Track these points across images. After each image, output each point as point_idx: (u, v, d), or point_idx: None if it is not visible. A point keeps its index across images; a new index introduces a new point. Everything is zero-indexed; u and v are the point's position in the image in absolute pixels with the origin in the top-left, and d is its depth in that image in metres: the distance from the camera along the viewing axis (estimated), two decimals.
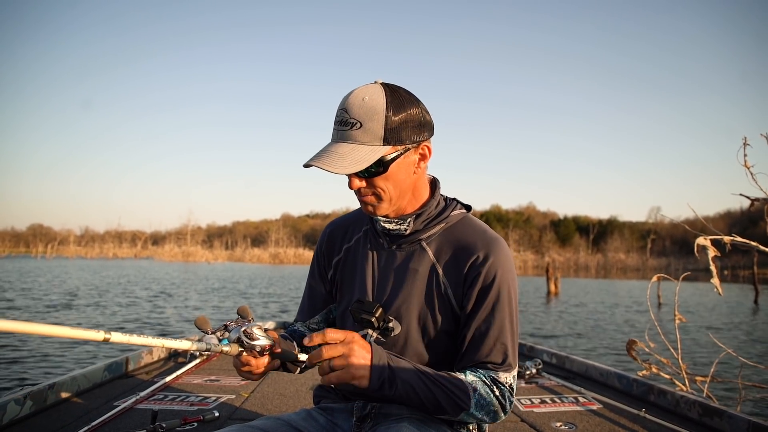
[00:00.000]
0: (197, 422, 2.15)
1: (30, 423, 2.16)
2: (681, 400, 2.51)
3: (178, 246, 74.95)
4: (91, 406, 2.39)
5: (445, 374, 1.16)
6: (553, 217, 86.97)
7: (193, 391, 2.71)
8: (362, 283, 1.32)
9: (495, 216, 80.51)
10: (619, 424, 2.32)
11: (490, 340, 1.21)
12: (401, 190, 1.22)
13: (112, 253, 75.80)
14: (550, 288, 21.44)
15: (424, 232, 1.28)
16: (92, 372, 2.74)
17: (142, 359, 3.24)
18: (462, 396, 1.14)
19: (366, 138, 1.14)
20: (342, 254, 1.40)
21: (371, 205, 1.23)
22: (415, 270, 1.27)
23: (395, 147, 1.16)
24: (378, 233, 1.34)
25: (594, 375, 3.21)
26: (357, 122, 1.14)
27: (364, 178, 1.18)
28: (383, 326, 1.25)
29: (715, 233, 3.42)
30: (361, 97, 1.15)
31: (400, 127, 1.16)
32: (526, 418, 2.38)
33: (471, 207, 1.36)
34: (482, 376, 1.20)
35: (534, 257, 66.56)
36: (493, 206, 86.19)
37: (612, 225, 78.80)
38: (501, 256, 1.24)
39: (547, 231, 79.24)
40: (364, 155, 1.14)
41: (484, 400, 1.16)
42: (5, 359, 6.11)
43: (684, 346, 8.34)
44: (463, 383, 1.15)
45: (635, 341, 3.39)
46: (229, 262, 66.68)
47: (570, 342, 9.22)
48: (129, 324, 9.64)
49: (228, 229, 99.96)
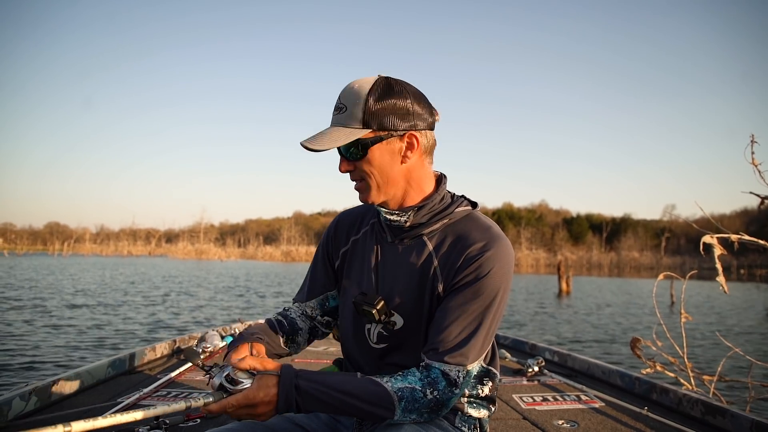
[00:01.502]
0: (200, 418, 2.15)
1: None
2: (684, 398, 2.50)
3: (191, 244, 75.50)
4: (95, 402, 2.41)
5: (368, 386, 1.12)
6: (566, 215, 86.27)
7: (197, 387, 2.71)
8: (365, 275, 1.33)
9: (507, 214, 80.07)
10: (621, 422, 2.31)
11: (454, 337, 1.17)
12: (388, 177, 1.24)
13: (127, 251, 76.47)
14: (561, 286, 21.31)
15: (427, 227, 1.27)
16: (96, 368, 2.77)
17: (145, 356, 3.27)
18: (384, 407, 1.12)
19: (347, 121, 1.20)
20: (349, 245, 1.41)
21: (361, 192, 1.27)
22: (414, 264, 1.27)
23: (376, 132, 1.20)
24: (382, 227, 1.35)
25: (596, 373, 3.21)
26: (344, 106, 1.20)
27: (350, 161, 1.23)
28: (385, 319, 1.26)
29: (723, 231, 3.40)
30: (354, 85, 1.21)
31: (381, 112, 1.19)
32: (528, 416, 2.39)
33: (477, 204, 1.35)
34: (419, 379, 1.16)
35: (546, 255, 66.09)
36: (505, 204, 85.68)
37: (626, 223, 78.08)
38: (499, 252, 1.20)
39: (560, 229, 78.61)
40: (342, 135, 1.19)
41: (414, 405, 1.13)
42: (10, 356, 6.19)
43: (696, 345, 8.31)
44: (387, 395, 1.11)
45: (639, 339, 3.38)
46: (242, 260, 67.02)
47: (577, 340, 9.17)
48: (140, 320, 9.74)
49: (240, 226, 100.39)
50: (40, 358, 6.09)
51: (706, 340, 9.27)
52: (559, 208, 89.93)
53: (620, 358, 7.36)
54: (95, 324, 8.96)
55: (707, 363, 6.96)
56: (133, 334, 8.11)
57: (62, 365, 5.81)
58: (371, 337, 1.31)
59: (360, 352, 1.35)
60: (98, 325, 8.80)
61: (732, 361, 3.89)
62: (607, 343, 8.96)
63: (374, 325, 1.30)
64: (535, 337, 8.88)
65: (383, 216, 1.30)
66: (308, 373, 1.12)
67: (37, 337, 7.51)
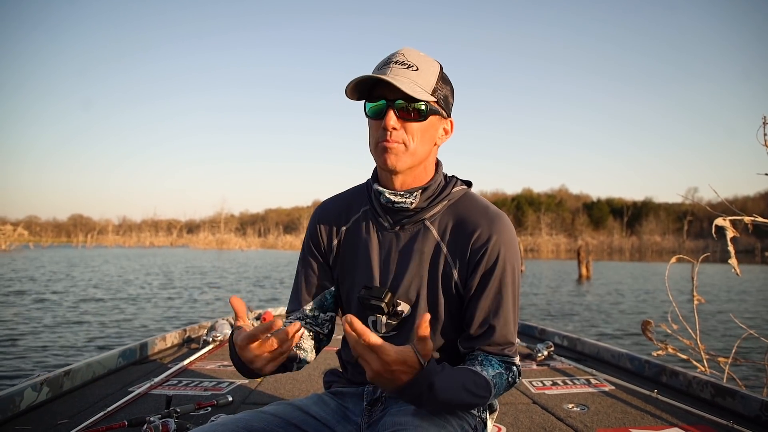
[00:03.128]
0: (211, 407, 2.16)
1: (46, 409, 2.18)
2: (693, 380, 2.50)
3: (212, 234, 76.21)
4: (107, 392, 2.43)
5: (476, 379, 1.12)
6: (586, 199, 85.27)
7: (207, 376, 2.74)
8: (367, 265, 1.30)
9: (527, 199, 79.48)
10: (631, 405, 2.32)
11: (500, 325, 1.21)
12: (423, 150, 1.22)
13: (149, 242, 77.62)
14: (581, 272, 21.17)
15: (428, 211, 1.26)
16: (107, 358, 2.78)
17: (156, 345, 3.28)
18: (484, 396, 1.14)
19: (420, 81, 1.17)
20: (341, 236, 1.36)
21: (393, 154, 1.19)
22: (420, 250, 1.26)
23: (437, 105, 1.22)
24: (379, 213, 1.31)
25: (606, 357, 3.21)
26: (414, 65, 1.18)
27: (401, 119, 1.19)
28: (392, 310, 1.25)
29: (738, 214, 3.36)
30: (418, 52, 1.22)
31: (444, 90, 1.23)
32: (538, 400, 2.39)
33: (471, 183, 1.36)
34: (499, 366, 1.20)
35: (567, 241, 65.55)
36: (525, 190, 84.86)
37: (647, 207, 76.93)
38: (504, 233, 1.23)
39: (580, 214, 77.83)
40: (419, 89, 1.17)
41: (499, 390, 1.19)
42: (22, 346, 6.28)
43: (716, 330, 8.23)
44: (487, 384, 1.14)
45: (650, 322, 3.38)
46: (262, 249, 67.57)
47: (593, 323, 9.13)
48: (157, 313, 9.91)
49: (260, 216, 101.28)
50: (51, 349, 6.18)
51: (730, 323, 9.16)
52: (580, 192, 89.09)
53: (640, 339, 7.32)
54: (116, 317, 9.13)
55: (724, 347, 6.90)
56: (148, 326, 8.23)
57: (73, 356, 5.86)
58: (379, 328, 1.29)
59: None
60: (117, 319, 8.96)
61: (751, 343, 3.84)
62: (622, 325, 8.91)
63: (380, 316, 1.28)
64: (559, 325, 8.87)
65: (385, 198, 1.26)
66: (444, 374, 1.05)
67: (50, 326, 7.66)
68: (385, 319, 1.28)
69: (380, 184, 1.29)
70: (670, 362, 2.84)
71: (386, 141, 1.18)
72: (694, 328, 3.56)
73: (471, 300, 1.23)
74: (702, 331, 3.58)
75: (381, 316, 1.28)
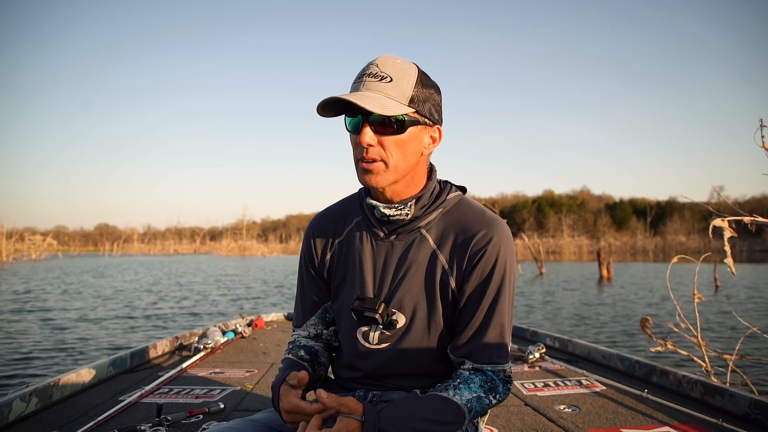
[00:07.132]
0: (202, 414, 2.16)
1: (36, 419, 2.16)
2: (683, 379, 2.53)
3: (234, 241, 76.90)
4: (97, 402, 2.40)
5: (442, 406, 1.12)
6: (609, 200, 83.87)
7: (198, 384, 2.72)
8: (361, 277, 1.28)
9: (548, 201, 78.60)
10: (622, 405, 2.35)
11: (493, 335, 1.20)
12: (406, 164, 1.18)
13: (173, 249, 78.49)
14: (602, 273, 20.93)
15: (423, 219, 1.25)
16: (97, 367, 2.76)
17: (146, 353, 3.27)
18: (456, 423, 1.13)
19: (394, 93, 1.13)
20: (335, 249, 1.34)
21: (372, 173, 1.16)
22: (416, 259, 1.24)
23: (417, 114, 1.17)
24: (372, 223, 1.29)
25: (597, 357, 3.24)
26: (388, 76, 1.14)
27: (378, 134, 1.15)
28: (387, 321, 1.24)
29: (740, 214, 3.37)
30: (395, 60, 1.17)
31: (424, 98, 1.17)
32: (529, 402, 2.42)
33: (466, 189, 1.34)
34: (478, 389, 1.18)
35: (589, 242, 64.60)
36: (546, 191, 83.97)
37: (671, 206, 75.56)
38: (502, 236, 1.22)
39: (603, 215, 76.65)
40: (390, 104, 1.12)
41: (478, 411, 1.17)
42: (10, 356, 6.19)
43: (727, 330, 8.10)
44: (459, 410, 1.13)
45: (648, 319, 3.40)
46: (284, 255, 68.02)
47: (602, 328, 9.05)
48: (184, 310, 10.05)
49: (282, 222, 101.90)
50: (40, 359, 6.11)
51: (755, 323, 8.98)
52: (602, 193, 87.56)
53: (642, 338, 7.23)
54: (131, 325, 9.27)
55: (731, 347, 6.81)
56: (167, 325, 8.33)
57: (62, 365, 5.79)
58: (371, 340, 1.27)
59: (358, 355, 1.30)
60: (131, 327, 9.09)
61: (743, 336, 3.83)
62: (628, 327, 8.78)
63: (374, 327, 1.26)
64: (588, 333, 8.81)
65: (380, 212, 1.23)
66: (390, 411, 1.08)
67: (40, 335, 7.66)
68: (378, 330, 1.26)
69: (372, 197, 1.27)
70: (671, 358, 2.86)
71: (363, 161, 1.16)
72: (703, 327, 3.56)
73: (466, 304, 1.22)
74: (713, 330, 3.57)
75: (374, 326, 1.27)
